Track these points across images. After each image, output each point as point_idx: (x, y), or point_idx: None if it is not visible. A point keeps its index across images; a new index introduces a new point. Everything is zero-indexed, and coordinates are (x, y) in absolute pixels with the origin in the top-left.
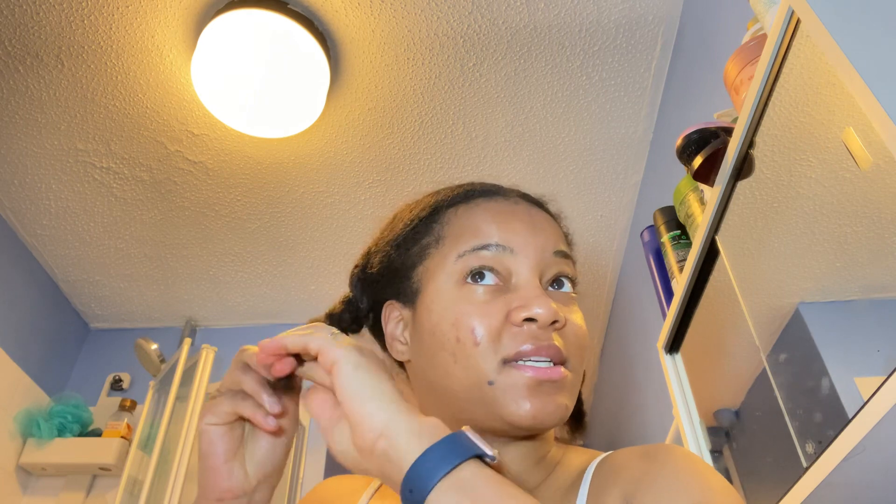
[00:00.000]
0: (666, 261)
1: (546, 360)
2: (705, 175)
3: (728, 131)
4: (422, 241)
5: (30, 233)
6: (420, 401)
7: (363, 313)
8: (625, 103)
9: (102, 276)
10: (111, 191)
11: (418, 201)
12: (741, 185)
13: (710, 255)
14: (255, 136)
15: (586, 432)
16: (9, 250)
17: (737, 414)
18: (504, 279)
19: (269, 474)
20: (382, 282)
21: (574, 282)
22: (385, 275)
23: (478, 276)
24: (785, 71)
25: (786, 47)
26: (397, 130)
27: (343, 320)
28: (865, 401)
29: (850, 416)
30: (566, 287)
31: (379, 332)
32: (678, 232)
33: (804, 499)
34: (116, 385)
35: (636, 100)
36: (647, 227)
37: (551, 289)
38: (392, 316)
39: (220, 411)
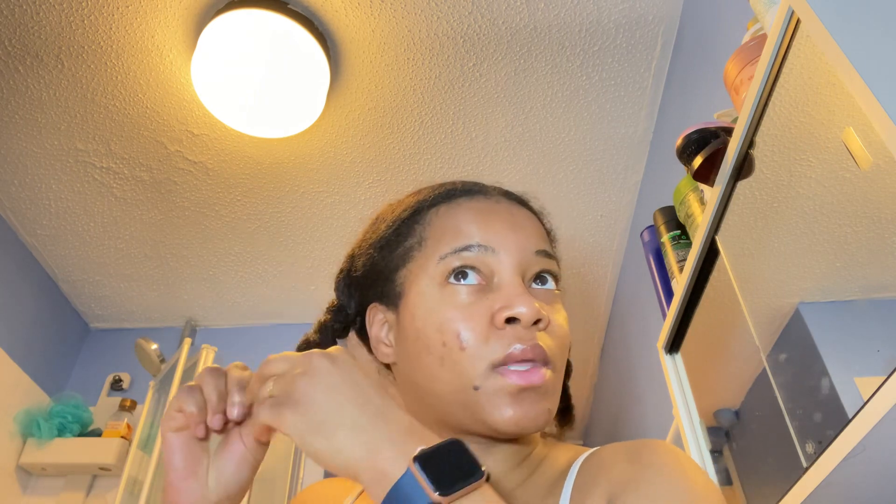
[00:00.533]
0: (666, 261)
1: (529, 362)
2: (705, 175)
3: (728, 131)
4: (405, 244)
5: (30, 233)
6: (406, 402)
7: (351, 318)
8: (625, 103)
9: (102, 276)
10: (111, 191)
11: (400, 201)
12: (741, 185)
13: (710, 255)
14: (255, 136)
15: (586, 432)
16: (9, 250)
17: (737, 414)
18: (486, 278)
19: (232, 495)
20: (366, 284)
21: (557, 278)
22: (369, 277)
23: (460, 276)
24: (785, 71)
25: (786, 47)
26: (397, 130)
27: (335, 330)
28: (865, 401)
29: (850, 416)
30: (549, 284)
31: (365, 335)
32: (678, 232)
33: (804, 499)
34: (116, 385)
35: (636, 100)
36: (647, 227)
37: (535, 286)
38: (376, 319)
39: (170, 410)
